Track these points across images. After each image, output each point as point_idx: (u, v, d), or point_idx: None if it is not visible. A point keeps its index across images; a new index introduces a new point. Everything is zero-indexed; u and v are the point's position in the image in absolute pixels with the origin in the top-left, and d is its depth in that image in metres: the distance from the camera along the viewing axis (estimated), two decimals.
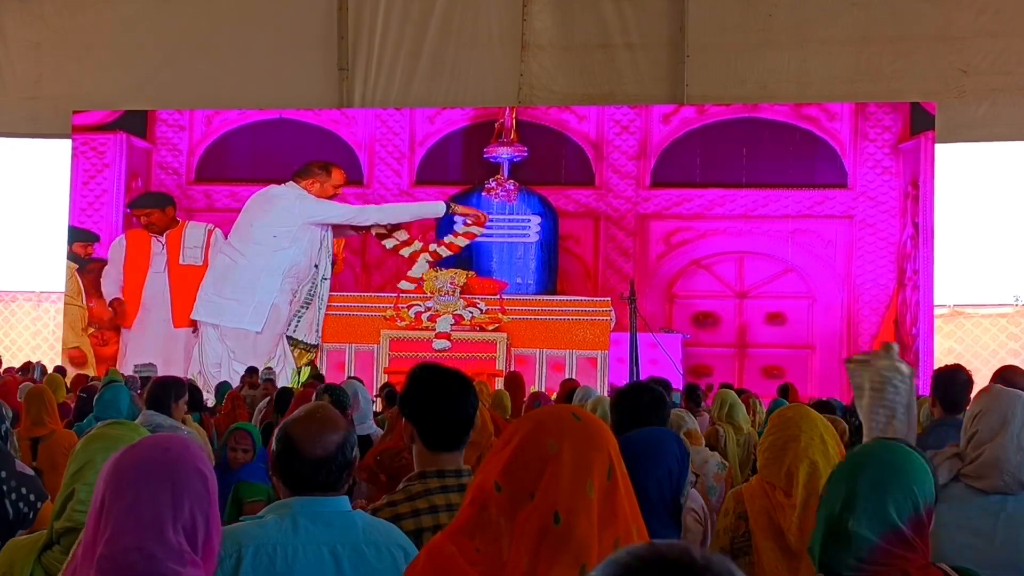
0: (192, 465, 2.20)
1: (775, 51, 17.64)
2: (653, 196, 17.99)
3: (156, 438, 2.31)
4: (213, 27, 18.67)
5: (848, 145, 17.50)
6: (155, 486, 2.13)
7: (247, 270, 18.24)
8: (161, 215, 18.88)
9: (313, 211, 18.06)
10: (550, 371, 16.67)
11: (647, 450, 2.86)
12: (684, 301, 17.88)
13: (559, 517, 1.95)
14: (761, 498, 4.05)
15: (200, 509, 2.16)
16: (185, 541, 2.12)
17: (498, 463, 2.06)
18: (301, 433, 2.88)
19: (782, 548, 3.95)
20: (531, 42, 18.20)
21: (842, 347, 17.23)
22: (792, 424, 4.05)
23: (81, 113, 19.20)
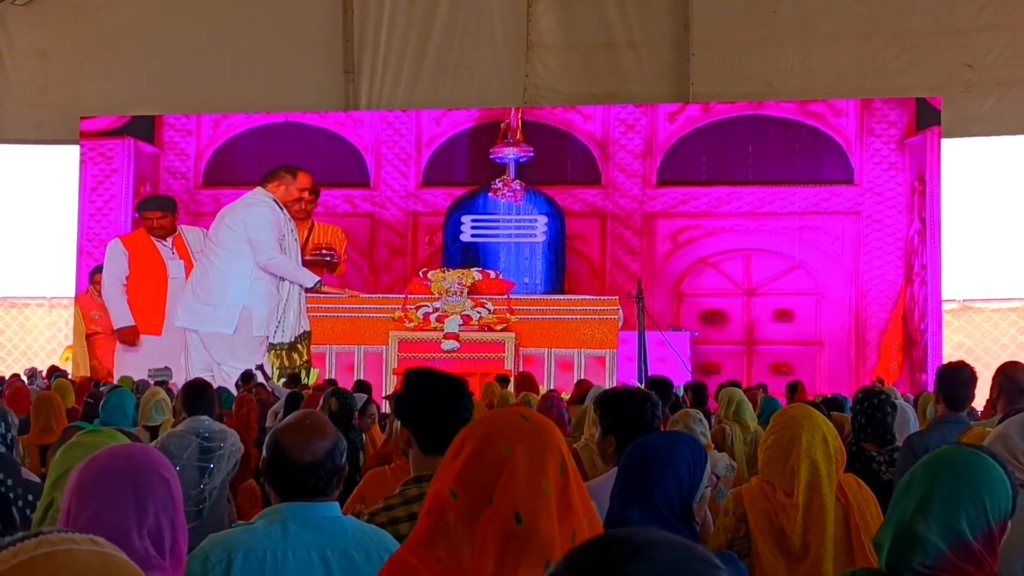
0: (155, 471, 2.20)
1: (780, 48, 17.60)
2: (659, 194, 17.95)
3: (118, 447, 2.31)
4: (219, 31, 18.69)
5: (854, 141, 17.43)
6: (119, 493, 2.13)
7: (219, 275, 18.22)
8: (172, 219, 18.92)
9: (253, 238, 18.12)
10: (559, 370, 16.63)
11: (654, 457, 2.83)
12: (692, 299, 17.84)
13: (520, 517, 1.96)
14: (761, 500, 3.99)
15: (165, 514, 2.16)
16: (152, 547, 2.12)
17: (452, 471, 2.05)
18: (290, 440, 2.90)
19: (782, 550, 3.89)
20: (536, 42, 18.18)
21: (850, 343, 17.19)
22: (795, 423, 3.99)
23: (88, 119, 19.24)
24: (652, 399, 4.19)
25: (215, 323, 18.13)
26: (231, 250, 18.09)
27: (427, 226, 18.45)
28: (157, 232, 18.85)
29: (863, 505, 3.87)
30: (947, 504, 2.49)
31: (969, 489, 2.50)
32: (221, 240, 18.19)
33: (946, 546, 2.46)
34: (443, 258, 18.17)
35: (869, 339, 17.16)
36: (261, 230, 18.03)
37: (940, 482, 2.53)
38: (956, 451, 2.68)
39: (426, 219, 18.50)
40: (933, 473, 2.56)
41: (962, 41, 17.11)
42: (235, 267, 18.09)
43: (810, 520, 3.83)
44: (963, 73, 17.12)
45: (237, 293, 18.04)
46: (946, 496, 2.50)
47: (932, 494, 2.51)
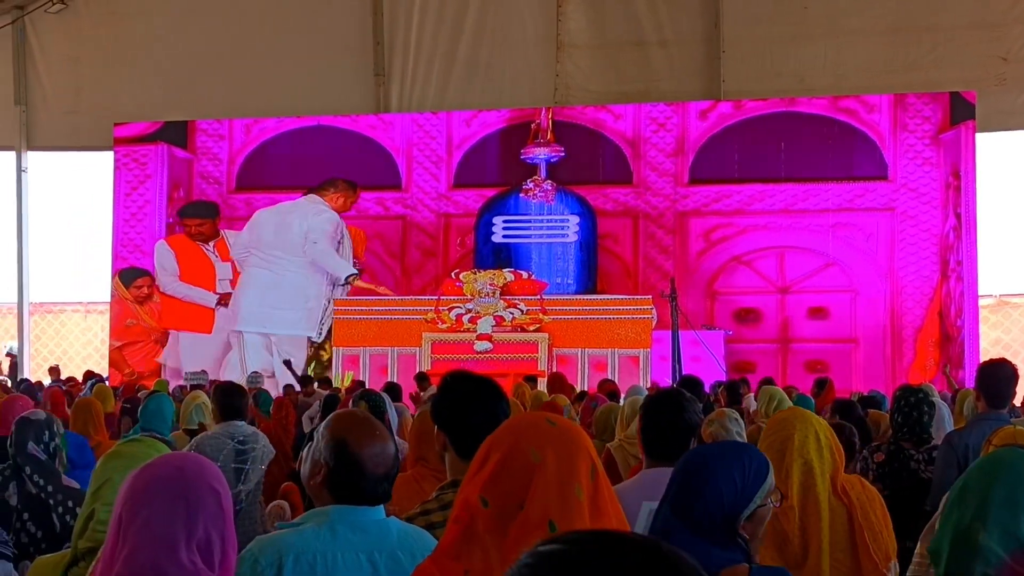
0: (206, 484, 2.19)
1: (811, 43, 17.50)
2: (692, 193, 17.90)
3: (171, 457, 2.31)
4: (250, 36, 18.78)
5: (888, 136, 17.32)
6: (169, 505, 2.13)
7: (296, 279, 18.65)
8: (212, 224, 19.13)
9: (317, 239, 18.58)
10: (592, 370, 16.58)
11: (701, 468, 2.77)
12: (725, 297, 17.78)
13: (554, 525, 1.92)
14: None
15: (215, 527, 2.16)
16: (200, 559, 2.12)
17: (481, 478, 2.02)
18: (366, 451, 2.87)
19: (784, 556, 3.79)
20: (566, 42, 18.16)
21: (886, 340, 17.08)
22: (787, 424, 3.92)
23: (122, 125, 19.38)
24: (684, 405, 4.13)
25: (292, 326, 18.52)
26: (296, 254, 18.61)
27: (459, 228, 18.47)
28: (198, 238, 19.06)
29: (867, 505, 3.78)
30: (1006, 510, 2.44)
31: None
32: (292, 247, 18.57)
33: (1007, 554, 2.42)
34: (475, 259, 18.20)
35: (905, 336, 17.04)
36: (327, 233, 18.55)
37: (998, 487, 2.48)
38: (1012, 454, 2.64)
39: (458, 221, 18.53)
40: (990, 478, 2.51)
41: (996, 34, 16.96)
42: (315, 273, 18.57)
43: (807, 522, 3.76)
44: (997, 66, 16.96)
45: (317, 297, 18.51)
46: (1005, 502, 2.45)
47: (990, 500, 2.46)
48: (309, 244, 18.53)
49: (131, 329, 19.27)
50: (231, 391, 6.59)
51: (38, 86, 19.97)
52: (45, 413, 4.96)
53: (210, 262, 19.10)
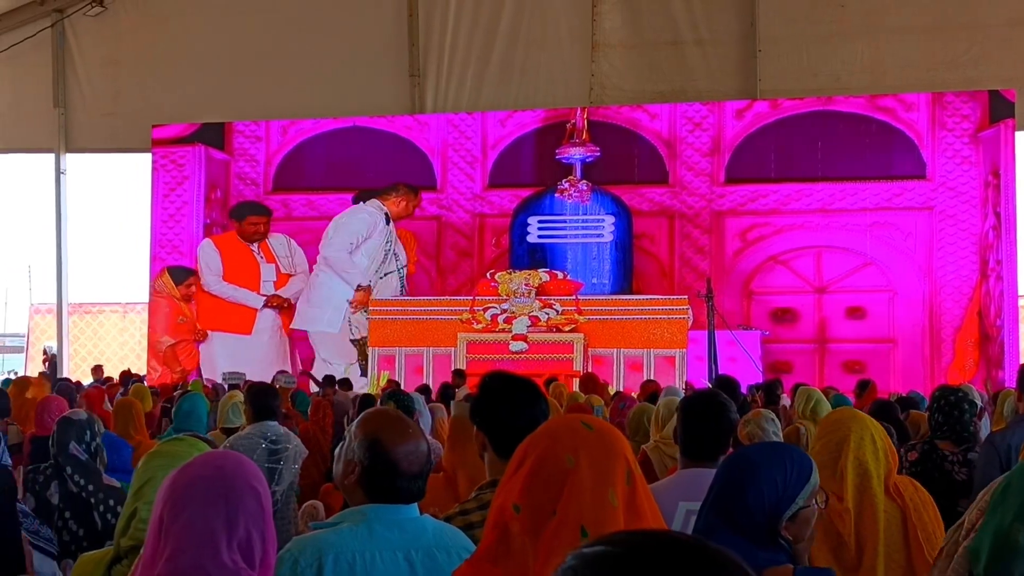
0: (247, 483, 2.20)
1: (848, 42, 17.41)
2: (728, 192, 17.84)
3: (211, 456, 2.31)
4: (286, 38, 18.86)
5: (926, 135, 17.20)
6: (210, 505, 2.14)
7: (328, 279, 18.85)
8: (268, 224, 19.23)
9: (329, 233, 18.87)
10: (628, 371, 16.55)
11: (741, 470, 2.77)
12: (762, 297, 17.71)
13: (586, 531, 1.90)
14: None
15: (255, 526, 2.17)
16: (241, 558, 2.13)
17: (516, 483, 2.01)
18: (400, 449, 2.88)
19: (838, 558, 3.79)
20: (601, 41, 18.14)
21: (924, 340, 16.96)
22: (842, 425, 3.92)
23: (160, 127, 19.52)
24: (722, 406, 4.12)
25: (322, 323, 18.78)
26: (337, 254, 18.83)
27: (494, 228, 18.49)
28: (254, 237, 19.18)
29: (920, 507, 3.77)
30: None
31: None
32: (329, 245, 18.92)
33: None
34: (510, 259, 18.20)
35: (944, 336, 16.91)
36: (339, 230, 18.69)
37: None
38: None
39: (493, 221, 18.54)
40: None
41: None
42: (341, 271, 18.82)
43: (862, 524, 3.75)
44: None
45: (345, 295, 18.68)
46: None
47: None
48: (325, 241, 18.89)
49: (180, 327, 19.39)
50: (264, 391, 6.62)
51: (77, 88, 20.13)
52: (86, 413, 5.01)
53: (256, 262, 19.21)
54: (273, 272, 19.12)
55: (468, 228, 18.58)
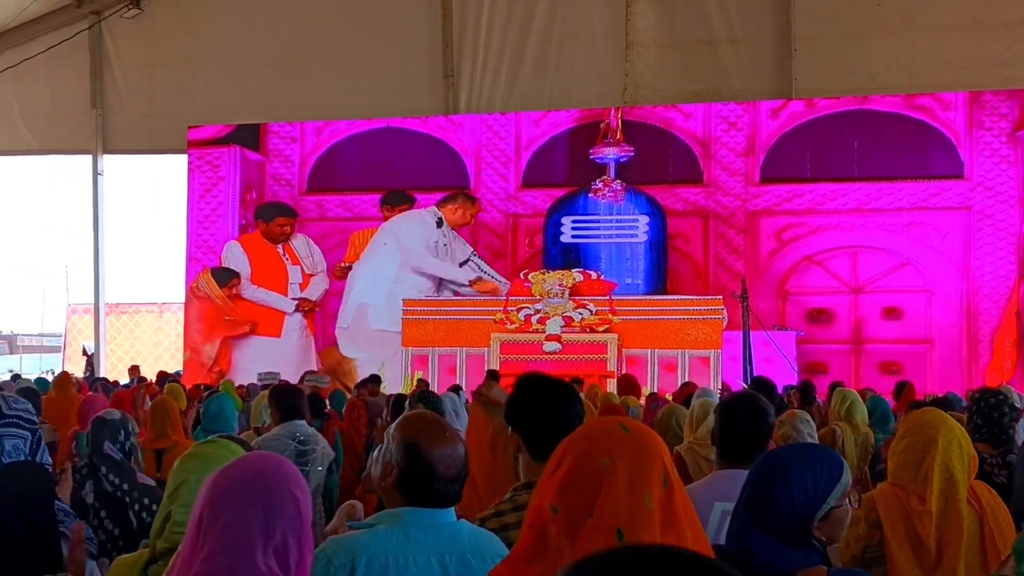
0: (286, 489, 2.20)
1: (884, 41, 17.28)
2: (763, 192, 17.76)
3: (252, 459, 2.30)
4: (320, 40, 18.93)
5: (963, 134, 17.05)
6: (248, 510, 2.14)
7: (352, 276, 19.07)
8: (294, 225, 19.30)
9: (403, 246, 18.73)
10: (662, 371, 16.50)
11: (773, 472, 2.78)
12: (797, 298, 17.61)
13: (622, 534, 1.90)
14: (896, 505, 3.91)
15: (292, 532, 2.16)
16: (276, 564, 2.13)
17: (552, 485, 2.01)
18: (437, 452, 2.89)
19: (919, 557, 3.81)
20: (635, 41, 18.09)
21: (961, 341, 16.82)
22: (930, 428, 3.92)
23: (196, 128, 19.63)
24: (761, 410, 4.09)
25: (342, 319, 19.00)
26: (371, 251, 18.88)
27: (527, 228, 18.48)
28: (279, 238, 19.26)
29: (996, 511, 3.77)
30: None
31: None
32: (369, 246, 18.92)
33: None
34: (543, 260, 18.19)
35: (981, 337, 16.77)
36: (412, 238, 18.68)
37: None
38: None
39: (526, 221, 18.53)
40: None
41: None
42: (366, 268, 18.84)
43: (945, 528, 3.75)
44: None
45: (360, 291, 18.77)
46: None
47: None
48: (405, 254, 18.83)
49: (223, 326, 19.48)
50: (289, 392, 6.64)
51: (114, 90, 20.28)
52: (120, 413, 5.02)
53: (283, 264, 19.28)
54: (299, 274, 19.21)
55: (501, 228, 18.58)
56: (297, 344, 19.08)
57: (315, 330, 19.20)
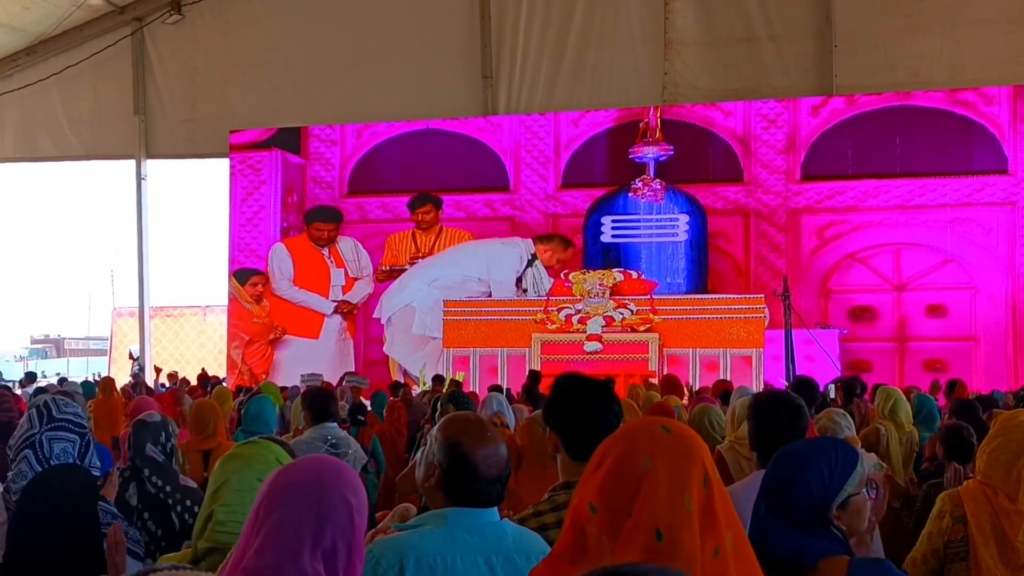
0: (340, 494, 2.22)
1: (926, 35, 17.12)
2: (804, 190, 17.65)
3: (312, 461, 2.33)
4: (359, 43, 18.99)
5: (1007, 129, 16.88)
6: (301, 511, 2.17)
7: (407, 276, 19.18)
8: (337, 229, 19.40)
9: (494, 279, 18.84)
10: (704, 371, 16.45)
11: (790, 465, 2.81)
12: (840, 296, 17.49)
13: (661, 534, 1.90)
14: (983, 503, 3.94)
15: (343, 537, 2.18)
16: (323, 567, 2.14)
17: (593, 484, 2.01)
18: (479, 453, 2.90)
19: (1004, 554, 3.84)
20: (674, 39, 18.03)
21: (1007, 338, 16.64)
22: (1020, 429, 3.96)
23: (237, 132, 19.76)
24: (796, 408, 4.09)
25: (381, 310, 19.18)
26: (446, 261, 18.98)
27: (567, 228, 18.46)
28: (323, 242, 19.38)
29: None
30: None
31: None
32: (446, 254, 19.07)
33: None
34: (584, 260, 18.17)
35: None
36: (507, 275, 18.74)
37: None
38: None
39: (566, 221, 18.52)
40: None
41: None
42: (428, 273, 18.96)
43: None
44: None
45: (413, 292, 18.91)
46: None
47: None
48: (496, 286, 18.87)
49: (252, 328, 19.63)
50: (321, 394, 6.69)
51: (156, 96, 20.43)
52: (160, 416, 5.05)
53: (327, 267, 19.39)
54: (342, 277, 19.31)
55: (541, 228, 18.57)
56: (336, 346, 19.16)
57: (355, 332, 19.28)
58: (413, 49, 18.84)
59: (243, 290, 19.64)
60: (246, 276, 19.71)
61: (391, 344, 18.93)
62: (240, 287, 19.68)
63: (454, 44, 18.90)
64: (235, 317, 19.83)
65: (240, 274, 19.75)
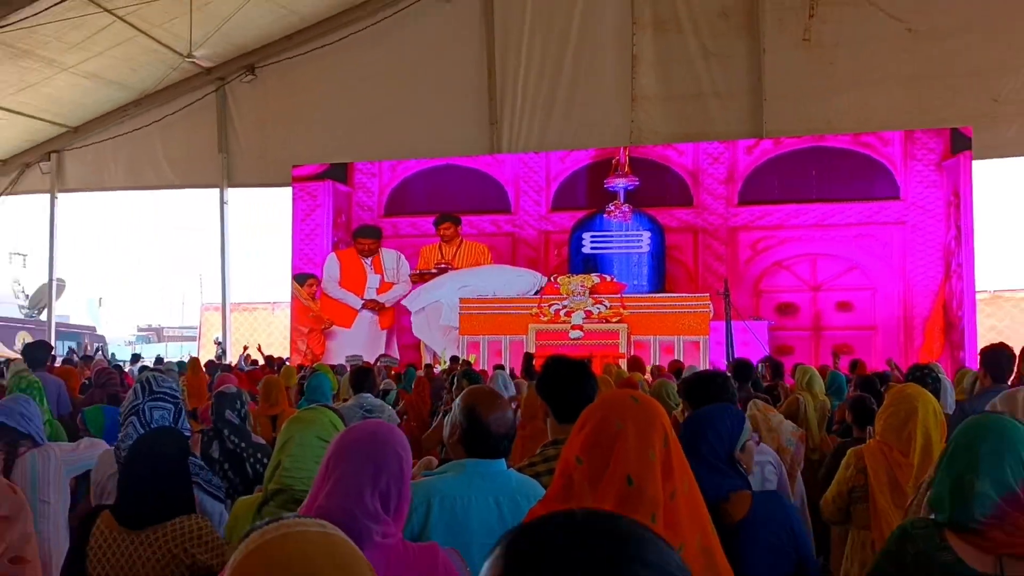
0: (392, 449, 2.26)
1: (836, 93, 17.11)
2: (740, 212, 17.63)
3: (369, 424, 2.36)
4: (393, 97, 19.01)
5: (900, 165, 16.86)
6: (361, 462, 2.20)
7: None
8: (377, 243, 19.39)
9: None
10: (662, 353, 16.44)
11: (701, 422, 2.95)
12: (768, 295, 17.47)
13: (631, 480, 1.96)
14: (880, 458, 4.01)
15: (395, 483, 2.22)
16: (380, 506, 2.18)
17: (577, 442, 2.06)
18: (491, 416, 2.94)
19: (896, 497, 3.92)
20: (639, 95, 18.02)
21: (899, 328, 16.65)
22: (912, 399, 4.01)
23: (298, 167, 19.74)
24: (722, 382, 4.14)
25: (413, 302, 19.05)
26: (475, 272, 18.78)
27: (556, 242, 18.45)
28: (366, 253, 19.37)
29: None
30: (994, 461, 2.39)
31: (1010, 446, 2.42)
32: (478, 269, 18.85)
33: (998, 496, 2.38)
34: (569, 267, 18.17)
35: (915, 324, 16.58)
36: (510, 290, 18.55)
37: (985, 444, 2.43)
38: (990, 418, 2.59)
39: (555, 236, 18.50)
40: (975, 437, 2.48)
41: (990, 80, 16.40)
42: (460, 278, 18.82)
43: (923, 478, 3.73)
44: (990, 107, 16.40)
45: (445, 291, 18.76)
46: (991, 454, 2.40)
47: (980, 455, 2.41)
48: None
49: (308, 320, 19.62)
50: (362, 371, 6.83)
51: (235, 138, 20.45)
52: (236, 388, 5.04)
53: (364, 273, 19.40)
54: (378, 281, 19.26)
55: (536, 242, 18.56)
56: (369, 334, 19.15)
57: (389, 323, 19.23)
58: (435, 102, 18.84)
59: (302, 290, 19.64)
60: (304, 279, 19.70)
61: (421, 328, 18.89)
62: (300, 287, 19.69)
63: (467, 98, 18.89)
64: (296, 311, 19.82)
65: (299, 277, 19.75)
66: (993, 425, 2.50)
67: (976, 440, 2.46)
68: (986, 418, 2.58)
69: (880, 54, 16.86)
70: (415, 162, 19.26)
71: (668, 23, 17.91)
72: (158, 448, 3.22)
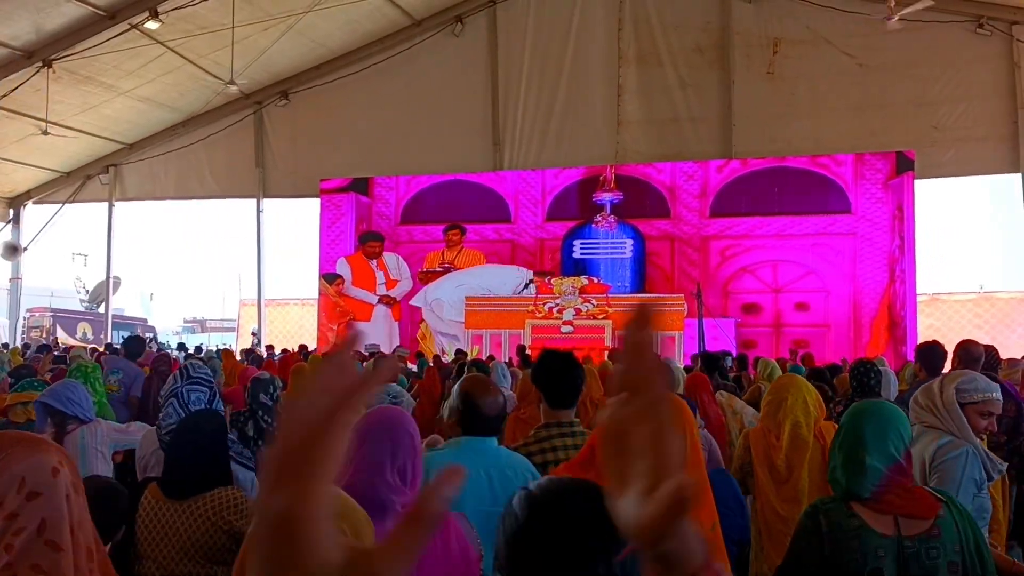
0: (405, 429, 2.29)
1: (797, 119, 17.12)
2: (711, 223, 17.63)
3: (384, 409, 2.38)
4: (408, 119, 19.01)
5: (851, 183, 16.86)
6: (381, 441, 2.22)
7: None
8: (381, 247, 19.37)
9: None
10: None
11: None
12: (736, 296, 17.48)
13: None
14: (762, 440, 4.07)
15: (410, 458, 2.25)
16: (399, 479, 2.21)
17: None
18: (484, 400, 2.95)
19: (772, 473, 3.96)
20: (623, 119, 18.03)
21: (849, 326, 16.65)
22: (784, 388, 4.05)
23: (325, 181, 19.74)
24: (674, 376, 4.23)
25: (418, 299, 19.02)
26: (471, 272, 18.68)
27: (550, 248, 18.45)
28: (369, 255, 19.36)
29: None
30: (879, 438, 2.47)
31: (891, 424, 2.49)
32: (473, 269, 18.74)
33: (886, 468, 2.44)
34: (561, 270, 18.16)
35: (863, 323, 16.58)
36: (501, 287, 18.47)
37: (870, 425, 2.50)
38: (874, 404, 2.65)
39: (550, 243, 18.50)
40: (863, 420, 2.53)
41: (931, 110, 16.43)
42: (460, 278, 18.72)
43: (793, 457, 3.89)
44: (930, 133, 16.43)
45: (445, 290, 18.70)
46: (876, 432, 2.48)
47: (865, 434, 2.49)
48: None
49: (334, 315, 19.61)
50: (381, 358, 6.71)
51: (270, 154, 20.46)
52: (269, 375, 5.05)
53: (373, 273, 19.41)
54: (383, 278, 19.28)
55: (532, 248, 18.57)
56: (383, 326, 19.13)
57: (400, 317, 19.23)
58: (445, 124, 18.85)
59: (329, 288, 19.65)
60: (332, 279, 19.70)
61: (435, 323, 18.84)
62: (328, 286, 19.69)
63: (473, 121, 18.90)
64: (323, 307, 19.83)
65: (328, 276, 19.75)
66: (874, 408, 2.57)
67: (861, 423, 2.51)
68: (867, 404, 2.65)
69: (835, 86, 16.88)
70: (427, 177, 19.27)
71: (650, 57, 17.93)
72: (200, 427, 3.24)
